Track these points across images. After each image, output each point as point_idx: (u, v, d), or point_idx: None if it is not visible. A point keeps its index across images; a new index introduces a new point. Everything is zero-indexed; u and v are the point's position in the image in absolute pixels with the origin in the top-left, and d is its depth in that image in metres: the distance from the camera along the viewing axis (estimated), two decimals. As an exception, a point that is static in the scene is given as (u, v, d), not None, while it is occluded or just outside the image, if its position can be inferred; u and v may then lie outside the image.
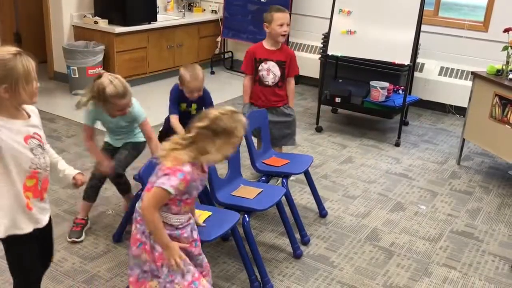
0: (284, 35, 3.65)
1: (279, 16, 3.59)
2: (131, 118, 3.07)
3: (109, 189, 3.70)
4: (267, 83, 3.70)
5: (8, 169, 1.97)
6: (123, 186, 3.29)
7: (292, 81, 3.80)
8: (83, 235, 3.14)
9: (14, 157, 1.96)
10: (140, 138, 3.24)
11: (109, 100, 2.85)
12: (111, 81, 2.85)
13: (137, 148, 3.26)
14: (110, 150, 3.25)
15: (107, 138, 3.32)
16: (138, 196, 2.98)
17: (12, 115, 1.99)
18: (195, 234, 2.30)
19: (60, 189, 3.69)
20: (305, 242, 3.20)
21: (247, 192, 2.89)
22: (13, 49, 1.98)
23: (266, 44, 3.72)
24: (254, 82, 3.75)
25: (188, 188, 2.12)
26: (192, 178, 2.10)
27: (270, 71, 3.68)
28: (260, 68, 3.69)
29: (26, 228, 2.07)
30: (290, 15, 6.46)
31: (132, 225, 2.27)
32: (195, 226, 2.34)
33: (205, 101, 3.46)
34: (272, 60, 3.67)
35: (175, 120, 3.38)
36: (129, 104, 2.97)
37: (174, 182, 2.04)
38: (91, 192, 3.20)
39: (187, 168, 2.07)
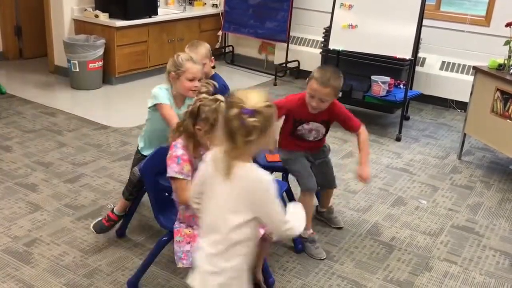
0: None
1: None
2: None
3: (109, 183, 3.71)
4: (308, 139, 3.09)
5: None
6: None
7: (362, 133, 3.08)
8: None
9: None
10: None
11: (183, 65, 2.81)
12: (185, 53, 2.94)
13: None
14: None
15: (144, 146, 3.06)
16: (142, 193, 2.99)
17: None
18: None
19: (61, 183, 3.69)
20: (306, 236, 3.20)
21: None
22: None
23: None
24: (288, 133, 3.06)
25: (195, 165, 2.26)
26: (191, 156, 2.32)
27: (313, 130, 3.06)
28: (299, 128, 3.03)
29: None
30: (291, 10, 6.52)
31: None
32: None
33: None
34: (316, 121, 3.02)
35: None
36: (200, 75, 2.86)
37: (176, 168, 2.29)
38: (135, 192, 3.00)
39: (180, 151, 2.31)
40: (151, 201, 2.55)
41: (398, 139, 4.87)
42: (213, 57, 3.29)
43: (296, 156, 3.07)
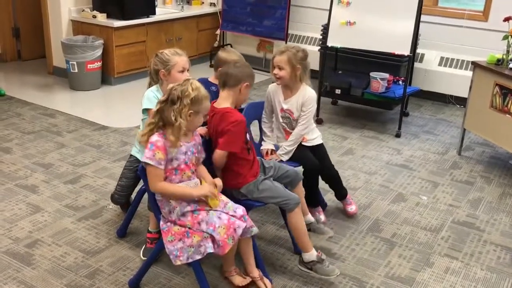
0: None
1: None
2: None
3: (110, 184, 3.71)
4: (249, 146, 2.81)
5: None
6: None
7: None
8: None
9: None
10: None
11: (170, 60, 2.83)
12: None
13: None
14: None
15: (139, 154, 2.99)
16: (142, 192, 2.99)
17: None
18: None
19: (61, 184, 3.69)
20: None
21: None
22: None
23: (233, 103, 2.77)
24: (245, 154, 2.74)
25: (170, 155, 2.35)
26: (166, 144, 2.32)
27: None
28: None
29: None
30: (289, 7, 6.50)
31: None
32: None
33: None
34: None
35: None
36: (189, 66, 2.88)
37: (148, 154, 2.32)
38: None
39: (154, 137, 2.33)
40: (151, 200, 2.55)
41: (397, 135, 4.87)
42: None
43: (260, 181, 2.75)
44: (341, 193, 3.47)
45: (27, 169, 3.90)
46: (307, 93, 3.17)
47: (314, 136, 3.31)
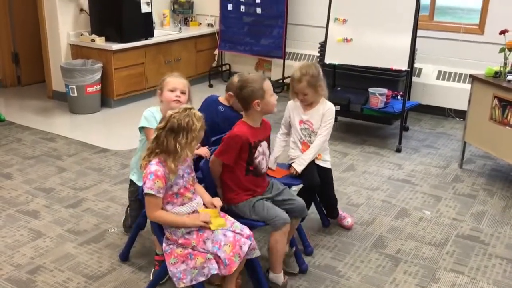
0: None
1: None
2: None
3: (111, 207, 3.69)
4: (263, 170, 2.81)
5: None
6: None
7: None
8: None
9: None
10: None
11: (164, 79, 2.91)
12: None
13: None
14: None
15: (135, 176, 3.11)
16: (144, 215, 2.97)
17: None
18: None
19: (63, 208, 3.68)
20: (309, 253, 3.17)
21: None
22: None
23: (252, 122, 2.76)
24: (241, 173, 2.72)
25: (170, 182, 2.37)
26: (165, 172, 2.34)
27: (265, 155, 2.81)
28: (256, 154, 2.74)
29: None
30: (286, 26, 6.55)
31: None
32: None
33: None
34: (264, 140, 2.81)
35: None
36: (184, 89, 2.89)
37: (148, 184, 2.32)
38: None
39: (154, 167, 2.33)
40: (153, 224, 2.54)
41: (398, 150, 4.87)
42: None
43: (253, 201, 2.73)
44: (333, 215, 3.51)
45: (28, 194, 3.89)
46: (327, 105, 3.29)
47: (327, 159, 3.35)
